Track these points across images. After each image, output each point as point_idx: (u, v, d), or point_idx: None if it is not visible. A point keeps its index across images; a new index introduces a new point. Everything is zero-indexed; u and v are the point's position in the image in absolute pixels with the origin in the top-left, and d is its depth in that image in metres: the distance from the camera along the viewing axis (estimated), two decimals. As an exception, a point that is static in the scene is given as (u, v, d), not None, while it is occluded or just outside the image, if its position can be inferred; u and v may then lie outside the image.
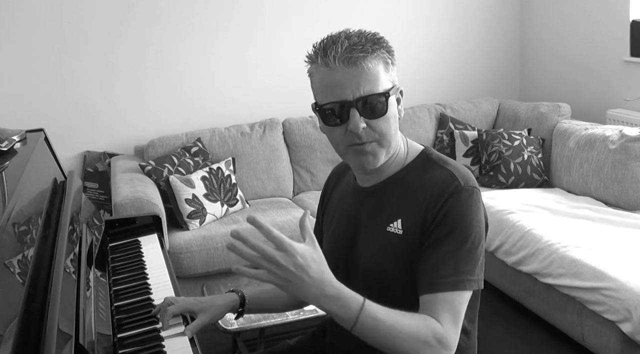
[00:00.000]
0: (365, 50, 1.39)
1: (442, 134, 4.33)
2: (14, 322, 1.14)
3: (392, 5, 4.61)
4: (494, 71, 4.96)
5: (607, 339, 2.66)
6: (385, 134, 1.44)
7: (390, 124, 1.45)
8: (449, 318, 1.37)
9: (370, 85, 1.40)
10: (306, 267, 1.23)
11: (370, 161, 1.46)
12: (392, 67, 1.46)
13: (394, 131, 1.47)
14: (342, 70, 1.39)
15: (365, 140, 1.43)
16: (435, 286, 1.39)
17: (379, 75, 1.41)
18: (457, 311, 1.39)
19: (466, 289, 1.40)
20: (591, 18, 4.29)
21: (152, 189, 3.54)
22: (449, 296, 1.39)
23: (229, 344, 3.05)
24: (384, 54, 1.42)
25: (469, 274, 1.41)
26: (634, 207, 3.41)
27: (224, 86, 4.35)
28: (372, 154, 1.45)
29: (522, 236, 3.14)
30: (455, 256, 1.40)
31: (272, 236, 1.23)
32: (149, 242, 2.22)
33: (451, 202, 1.42)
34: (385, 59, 1.43)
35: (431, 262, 1.41)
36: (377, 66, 1.41)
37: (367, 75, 1.39)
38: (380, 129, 1.43)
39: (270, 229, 1.24)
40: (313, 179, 4.24)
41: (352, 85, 1.39)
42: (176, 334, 1.55)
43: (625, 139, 3.47)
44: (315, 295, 1.26)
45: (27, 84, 3.99)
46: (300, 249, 1.24)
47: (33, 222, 1.60)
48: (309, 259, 1.24)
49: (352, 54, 1.38)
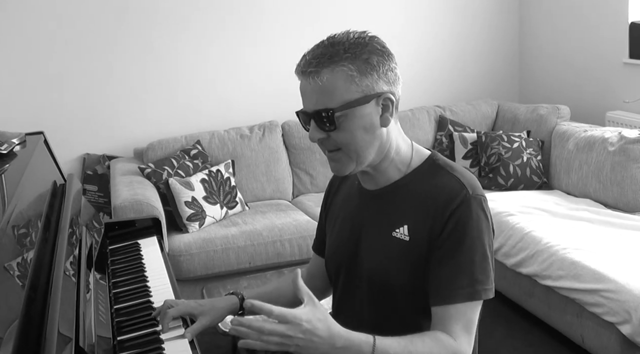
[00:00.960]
0: (320, 64, 1.38)
1: (442, 136, 4.34)
2: (14, 324, 1.14)
3: (391, 8, 4.61)
4: (493, 73, 4.96)
5: (606, 341, 2.66)
6: (347, 145, 1.43)
7: (354, 135, 1.42)
8: (462, 329, 1.38)
9: (323, 99, 1.40)
10: (313, 329, 1.27)
11: (338, 169, 1.49)
12: (369, 75, 1.40)
13: (363, 142, 1.43)
14: (304, 82, 1.43)
15: (328, 148, 1.46)
16: (451, 297, 1.39)
17: (335, 89, 1.39)
18: (471, 320, 1.41)
19: (480, 298, 1.41)
20: (590, 20, 4.29)
21: (152, 191, 3.54)
22: (463, 307, 1.39)
23: (228, 347, 3.05)
24: (345, 66, 1.38)
25: (484, 284, 1.41)
26: (633, 209, 3.41)
27: (224, 89, 4.35)
28: (339, 162, 1.47)
29: (522, 238, 3.14)
30: (469, 267, 1.41)
31: (275, 315, 1.27)
32: (149, 245, 2.22)
33: (461, 211, 1.42)
34: (348, 71, 1.38)
35: (445, 274, 1.41)
36: (334, 80, 1.38)
37: (320, 89, 1.39)
38: (339, 141, 1.43)
39: (271, 309, 1.27)
40: (312, 182, 4.24)
41: (310, 96, 1.42)
42: (176, 336, 1.55)
43: (624, 141, 3.47)
44: (327, 350, 1.29)
45: (27, 87, 3.99)
46: (304, 315, 1.27)
47: (32, 225, 1.60)
48: (314, 321, 1.27)
49: (306, 68, 1.40)
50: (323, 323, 1.28)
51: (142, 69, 4.17)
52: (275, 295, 1.76)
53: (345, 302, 1.61)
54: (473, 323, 1.41)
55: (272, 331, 1.25)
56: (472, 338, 1.40)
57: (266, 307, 1.28)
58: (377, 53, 1.41)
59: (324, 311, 1.30)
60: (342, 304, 1.62)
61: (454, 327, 1.38)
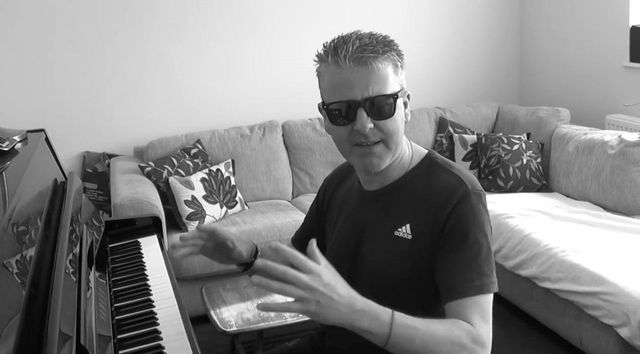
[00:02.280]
0: (376, 51, 1.39)
1: (442, 138, 4.34)
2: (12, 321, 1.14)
3: (392, 9, 4.62)
4: (493, 75, 4.97)
5: (605, 343, 2.67)
6: (392, 135, 1.44)
7: (398, 125, 1.45)
8: (479, 318, 1.37)
9: (379, 86, 1.40)
10: (334, 284, 1.22)
11: (375, 163, 1.46)
12: (401, 70, 1.46)
13: (401, 134, 1.47)
14: (352, 70, 1.39)
15: (372, 140, 1.43)
16: (462, 291, 1.39)
17: (388, 77, 1.41)
18: (486, 311, 1.39)
19: (490, 291, 1.41)
20: (591, 23, 4.30)
21: (152, 190, 3.54)
22: (476, 299, 1.39)
23: (227, 346, 3.06)
24: (394, 56, 1.42)
25: (490, 277, 1.42)
26: (632, 212, 3.41)
27: (224, 88, 4.36)
28: (378, 156, 1.45)
29: (521, 240, 3.15)
30: (475, 261, 1.41)
31: (298, 261, 1.21)
32: (149, 244, 2.22)
33: (461, 207, 1.43)
34: (395, 61, 1.43)
35: (452, 269, 1.41)
36: (387, 68, 1.41)
37: (376, 76, 1.39)
38: (387, 130, 1.43)
39: (294, 253, 1.22)
40: (312, 182, 4.24)
41: (361, 85, 1.39)
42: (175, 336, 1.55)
43: (624, 144, 3.48)
44: (347, 312, 1.23)
45: (28, 85, 3.99)
46: (324, 269, 1.23)
47: (32, 222, 1.60)
48: (335, 277, 1.24)
49: (362, 54, 1.38)
50: (342, 282, 1.25)
51: (142, 67, 4.17)
52: None
53: None
54: (488, 313, 1.40)
55: (295, 278, 1.18)
56: (490, 327, 1.39)
57: (289, 250, 1.22)
58: (400, 52, 1.46)
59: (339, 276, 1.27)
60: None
61: (471, 316, 1.36)
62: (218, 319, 2.69)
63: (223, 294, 2.92)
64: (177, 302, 1.75)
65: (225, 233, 1.66)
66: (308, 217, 1.84)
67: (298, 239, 1.84)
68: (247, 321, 2.65)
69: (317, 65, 1.48)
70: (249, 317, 2.68)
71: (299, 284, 1.19)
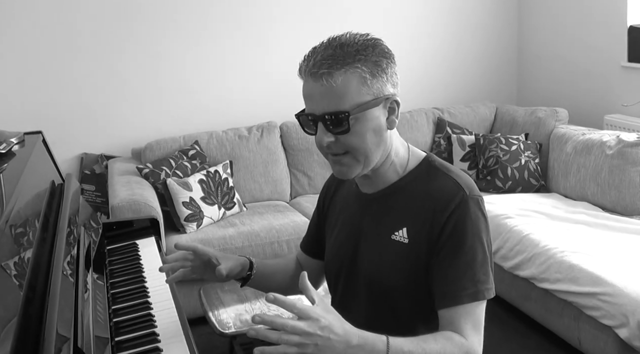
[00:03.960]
0: (334, 66, 1.35)
1: (440, 138, 4.34)
2: (10, 323, 1.14)
3: (389, 10, 4.61)
4: (491, 76, 4.97)
5: (603, 344, 2.67)
6: (356, 149, 1.41)
7: (364, 138, 1.40)
8: (472, 328, 1.39)
9: (336, 102, 1.36)
10: (330, 326, 1.23)
11: (344, 172, 1.45)
12: (379, 78, 1.39)
13: (372, 145, 1.42)
14: (312, 83, 1.38)
15: (335, 152, 1.42)
16: (456, 299, 1.39)
17: (348, 91, 1.36)
18: (478, 320, 1.41)
19: (484, 298, 1.42)
20: (589, 23, 4.30)
21: (150, 191, 3.53)
22: (469, 307, 1.40)
23: (225, 348, 3.05)
24: (359, 68, 1.37)
25: (486, 284, 1.42)
26: (631, 213, 3.41)
27: (222, 89, 4.35)
28: (347, 165, 1.43)
29: (520, 241, 3.14)
30: (471, 268, 1.41)
31: (297, 309, 1.23)
32: (147, 245, 2.22)
33: (459, 212, 1.42)
34: (362, 73, 1.37)
35: (447, 276, 1.41)
36: (347, 82, 1.36)
37: (332, 91, 1.36)
38: (348, 144, 1.40)
39: (294, 303, 1.24)
40: (310, 183, 4.24)
41: (318, 99, 1.38)
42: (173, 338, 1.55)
43: (622, 144, 3.48)
44: (344, 349, 1.25)
45: (25, 87, 3.98)
46: (320, 311, 1.24)
47: (30, 224, 1.59)
48: (330, 318, 1.25)
49: (318, 70, 1.36)
50: (337, 320, 1.27)
51: (140, 69, 4.17)
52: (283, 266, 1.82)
53: (345, 306, 1.60)
54: (480, 322, 1.42)
55: (294, 328, 1.20)
56: (482, 337, 1.41)
57: (289, 301, 1.23)
58: (385, 55, 1.41)
59: (334, 310, 1.29)
60: (341, 307, 1.61)
61: (464, 326, 1.38)
62: (216, 320, 2.69)
63: (221, 295, 2.91)
64: (175, 304, 1.75)
65: (206, 250, 1.66)
66: (312, 222, 1.83)
67: (305, 246, 1.85)
68: (246, 323, 2.65)
69: None
70: (247, 318, 2.67)
71: (297, 332, 1.21)
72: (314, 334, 1.22)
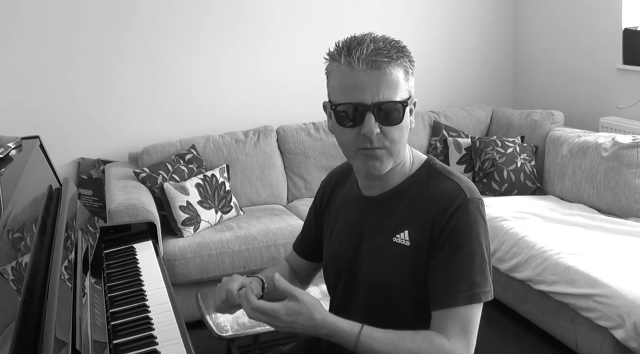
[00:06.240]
0: (390, 56, 1.38)
1: (436, 142, 4.35)
2: (8, 328, 1.14)
3: (385, 13, 4.62)
4: (487, 79, 4.98)
5: (599, 345, 2.67)
6: (396, 142, 1.43)
7: (403, 133, 1.44)
8: (459, 332, 1.39)
9: (390, 92, 1.39)
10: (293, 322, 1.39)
11: (377, 167, 1.44)
12: (411, 77, 1.44)
13: (404, 141, 1.46)
14: (364, 73, 1.37)
15: (377, 145, 1.41)
16: (451, 301, 1.40)
17: (399, 83, 1.40)
18: (470, 323, 1.41)
19: (480, 301, 1.42)
20: (584, 26, 4.32)
21: (147, 196, 3.54)
22: (462, 310, 1.40)
23: (223, 351, 3.05)
24: (406, 63, 1.42)
25: (483, 287, 1.43)
26: (626, 215, 3.42)
27: (218, 93, 4.36)
28: (380, 159, 1.44)
29: (516, 243, 3.15)
30: (468, 270, 1.41)
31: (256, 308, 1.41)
32: (144, 249, 2.22)
33: (459, 215, 1.43)
34: (407, 68, 1.42)
35: (445, 278, 1.42)
36: (399, 74, 1.40)
37: (388, 81, 1.38)
38: (392, 137, 1.42)
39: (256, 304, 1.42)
40: (307, 186, 4.24)
41: (372, 89, 1.38)
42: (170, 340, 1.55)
43: (618, 146, 3.49)
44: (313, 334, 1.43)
45: (22, 92, 3.98)
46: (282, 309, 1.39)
47: (27, 229, 1.60)
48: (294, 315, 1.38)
49: (376, 58, 1.36)
50: (304, 315, 1.37)
51: (137, 73, 4.17)
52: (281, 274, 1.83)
53: (344, 308, 1.61)
54: (472, 325, 1.41)
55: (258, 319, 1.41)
56: (471, 340, 1.41)
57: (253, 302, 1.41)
58: (411, 59, 1.45)
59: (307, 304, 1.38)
60: (341, 309, 1.62)
61: (451, 329, 1.38)
62: (214, 324, 2.69)
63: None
64: (172, 307, 1.76)
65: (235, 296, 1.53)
66: (307, 222, 1.83)
67: (299, 246, 1.85)
68: (243, 326, 2.65)
69: (327, 63, 1.45)
70: (245, 322, 2.67)
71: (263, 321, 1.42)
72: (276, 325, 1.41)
